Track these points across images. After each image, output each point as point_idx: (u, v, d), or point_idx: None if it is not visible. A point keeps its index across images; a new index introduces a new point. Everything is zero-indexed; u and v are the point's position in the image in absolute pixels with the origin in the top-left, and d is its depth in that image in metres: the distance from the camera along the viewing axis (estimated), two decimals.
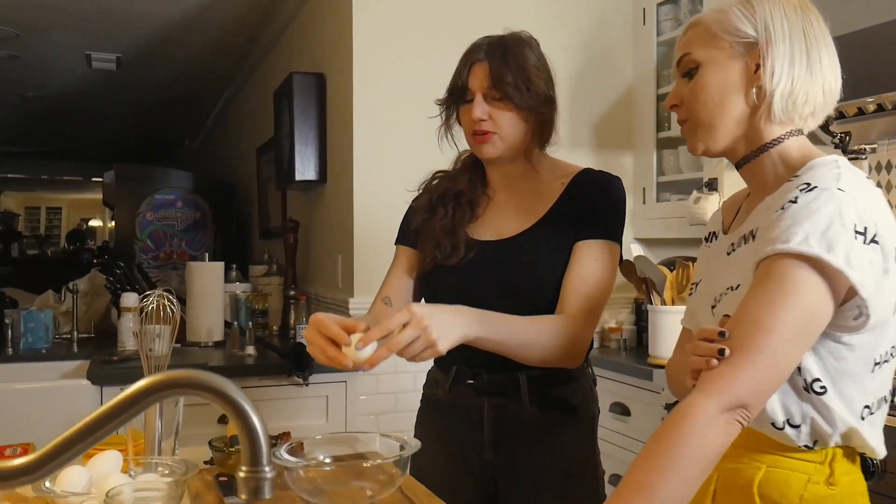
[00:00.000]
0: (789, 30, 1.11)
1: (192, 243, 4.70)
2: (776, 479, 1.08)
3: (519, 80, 1.49)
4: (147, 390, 0.55)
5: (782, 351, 0.99)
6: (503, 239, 1.57)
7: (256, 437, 0.56)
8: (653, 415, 2.53)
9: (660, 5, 3.07)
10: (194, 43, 4.63)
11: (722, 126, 1.14)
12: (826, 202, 1.01)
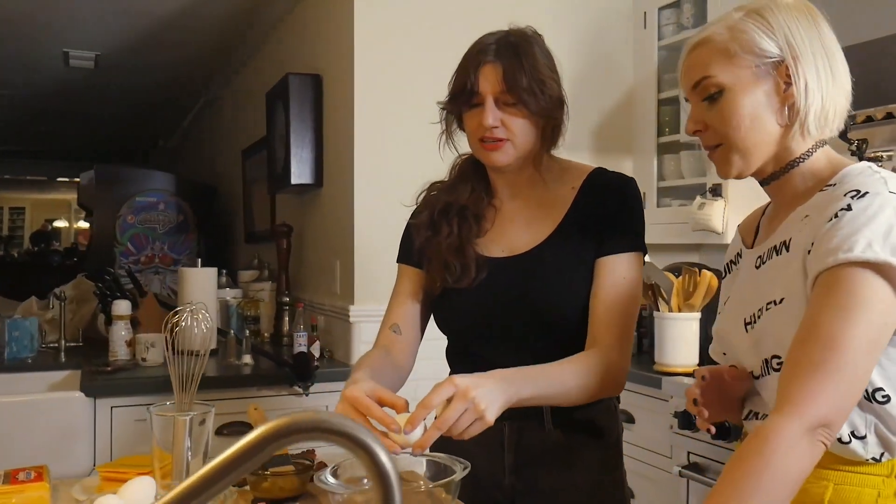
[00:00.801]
0: (809, 42, 1.09)
1: (175, 247, 4.60)
2: (846, 497, 1.05)
3: (533, 84, 1.38)
4: (270, 437, 0.49)
5: (860, 365, 0.97)
6: (516, 255, 1.46)
7: (389, 482, 0.51)
8: (660, 423, 2.50)
9: (661, 9, 3.05)
10: (177, 43, 4.53)
11: (757, 149, 1.12)
12: (882, 207, 0.99)
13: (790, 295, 1.07)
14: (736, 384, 1.17)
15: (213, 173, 5.46)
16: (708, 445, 2.31)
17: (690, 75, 1.14)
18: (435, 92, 2.79)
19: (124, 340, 2.66)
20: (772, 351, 1.11)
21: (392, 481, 0.51)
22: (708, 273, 2.59)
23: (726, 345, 1.22)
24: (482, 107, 1.40)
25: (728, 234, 2.70)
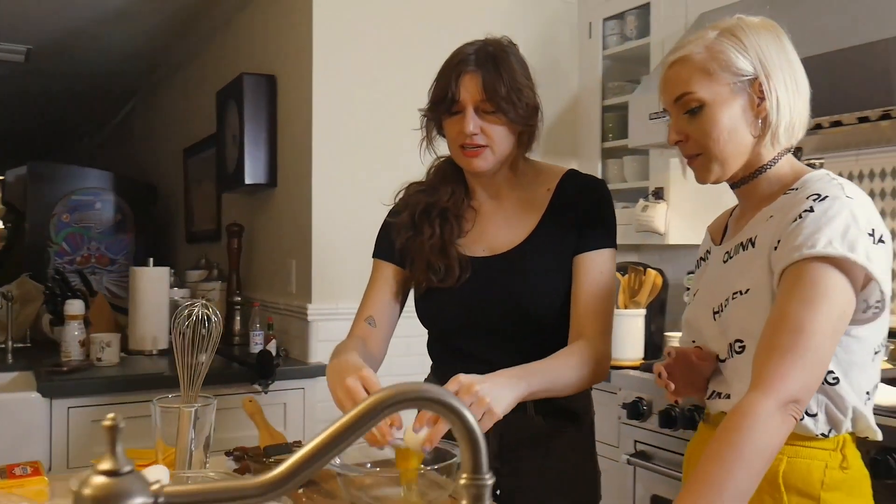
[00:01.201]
0: (778, 59, 1.21)
1: (112, 247, 4.51)
2: (798, 469, 1.16)
3: (511, 93, 1.45)
4: (381, 404, 0.56)
5: (824, 348, 1.09)
6: (497, 255, 1.54)
7: (479, 446, 0.58)
8: (609, 414, 2.62)
9: (606, 20, 3.19)
10: (114, 38, 4.44)
11: (733, 158, 1.23)
12: (840, 209, 1.12)
13: (755, 286, 1.18)
14: (702, 364, 1.28)
15: (150, 171, 5.36)
16: (654, 434, 2.45)
17: (672, 90, 1.24)
18: (393, 93, 2.89)
19: (77, 340, 2.62)
20: (736, 335, 1.22)
21: (480, 443, 0.58)
22: (653, 272, 2.74)
23: (695, 332, 1.33)
24: (462, 114, 1.47)
25: (670, 235, 2.85)
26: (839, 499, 1.16)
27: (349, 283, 2.82)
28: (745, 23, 1.23)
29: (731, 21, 1.25)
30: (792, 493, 1.16)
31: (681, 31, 2.80)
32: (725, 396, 1.25)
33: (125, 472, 0.51)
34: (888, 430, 1.73)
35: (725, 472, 1.02)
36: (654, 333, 2.85)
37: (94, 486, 0.51)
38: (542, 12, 3.26)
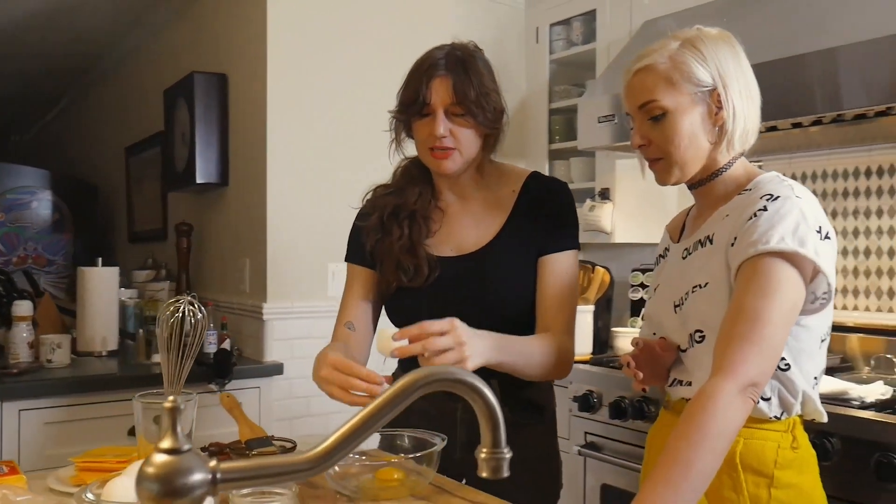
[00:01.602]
0: (734, 70, 1.30)
1: (50, 247, 4.41)
2: (753, 449, 1.26)
3: (480, 97, 1.50)
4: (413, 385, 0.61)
5: (778, 336, 1.18)
6: (465, 254, 1.59)
7: (498, 423, 0.64)
8: (560, 408, 2.69)
9: (552, 26, 3.29)
10: (47, 34, 4.32)
11: (692, 163, 1.32)
12: (791, 208, 1.21)
13: (713, 280, 1.27)
14: (666, 355, 1.36)
15: (89, 170, 5.23)
16: (604, 425, 2.54)
17: (637, 97, 1.32)
18: (347, 92, 2.92)
19: (26, 342, 2.57)
20: (695, 326, 1.31)
21: (499, 420, 0.64)
22: (601, 269, 2.84)
23: (656, 325, 1.41)
24: (432, 117, 1.51)
25: (616, 234, 2.96)
26: (790, 476, 1.25)
27: (304, 281, 2.84)
28: (705, 34, 1.32)
29: (691, 32, 1.33)
30: (748, 472, 1.25)
31: (625, 37, 2.91)
32: (686, 384, 1.33)
33: (185, 451, 0.55)
34: None
35: (692, 451, 1.10)
36: (601, 329, 2.95)
37: (156, 465, 0.54)
38: (490, 17, 3.33)
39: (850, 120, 2.18)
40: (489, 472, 0.66)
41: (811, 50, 2.09)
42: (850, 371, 2.39)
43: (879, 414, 1.85)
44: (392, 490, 1.20)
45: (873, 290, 2.51)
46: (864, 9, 2.07)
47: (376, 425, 0.59)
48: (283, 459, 0.57)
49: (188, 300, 1.27)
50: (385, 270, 1.59)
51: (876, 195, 2.50)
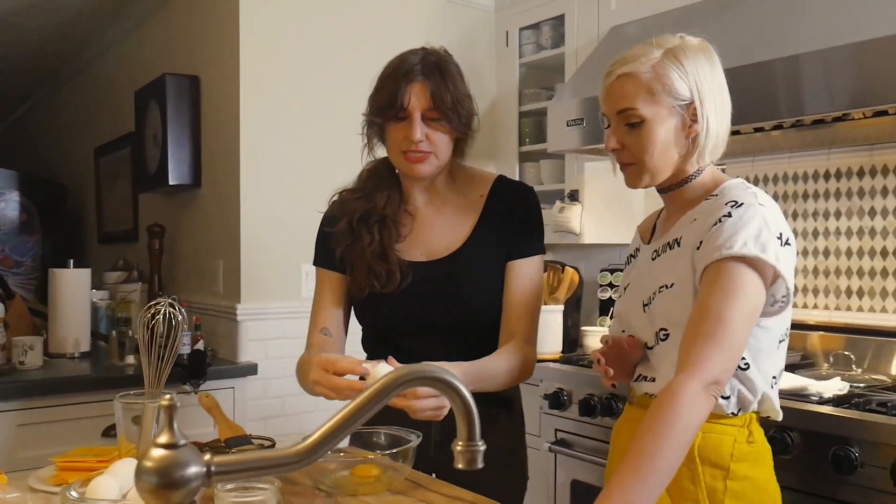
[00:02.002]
0: (710, 84, 1.35)
1: (18, 248, 4.37)
2: (711, 443, 1.31)
3: (455, 103, 1.53)
4: (395, 383, 0.65)
5: (740, 336, 1.24)
6: (437, 260, 1.61)
7: (473, 418, 0.68)
8: (531, 405, 2.75)
9: (522, 30, 3.34)
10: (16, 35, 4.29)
11: (663, 171, 1.37)
12: (754, 215, 1.27)
13: (679, 281, 1.33)
14: (633, 352, 1.42)
15: (58, 170, 5.19)
16: (573, 422, 2.60)
17: (617, 102, 1.36)
18: (319, 94, 2.95)
19: None
20: (660, 325, 1.36)
21: (474, 415, 0.68)
22: (570, 270, 2.90)
23: (625, 323, 1.47)
24: (408, 121, 1.53)
25: (585, 235, 3.02)
26: (745, 469, 1.31)
27: (278, 282, 2.86)
28: (687, 45, 1.35)
29: (674, 41, 1.36)
30: (706, 464, 1.31)
31: (594, 42, 2.97)
32: (650, 380, 1.39)
33: (181, 445, 0.59)
34: (785, 411, 1.93)
35: (658, 445, 1.15)
36: (571, 328, 3.01)
37: (154, 459, 0.58)
38: (461, 20, 3.38)
39: (809, 125, 2.25)
40: (465, 464, 0.71)
41: (773, 57, 2.16)
42: (811, 368, 2.48)
43: (836, 409, 1.92)
44: (369, 485, 1.24)
45: (832, 290, 2.59)
46: (823, 18, 2.15)
47: (359, 421, 0.63)
48: (273, 453, 0.61)
49: (168, 302, 1.30)
50: (357, 276, 1.60)
51: (834, 197, 2.58)
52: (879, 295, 2.48)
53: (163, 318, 1.27)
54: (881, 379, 2.28)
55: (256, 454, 0.61)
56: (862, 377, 2.32)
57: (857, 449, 1.83)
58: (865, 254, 2.52)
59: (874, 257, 2.49)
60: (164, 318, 1.27)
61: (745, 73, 2.19)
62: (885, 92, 1.94)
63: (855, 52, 1.99)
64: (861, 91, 2.00)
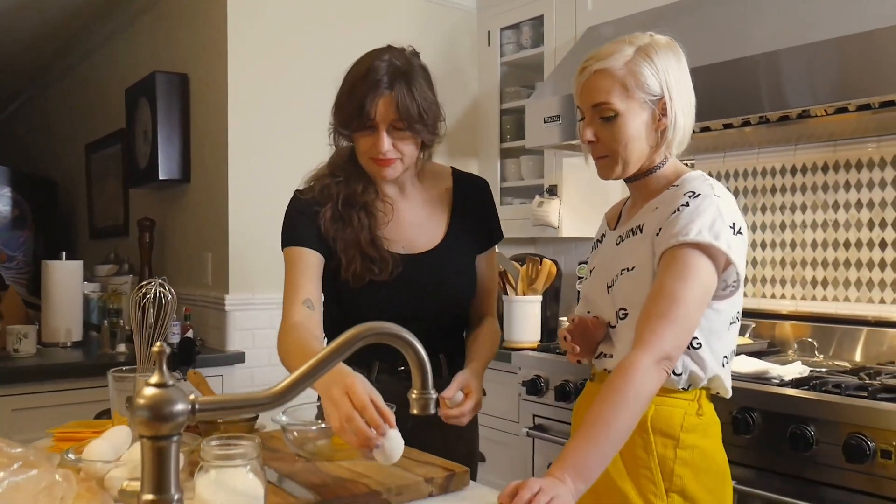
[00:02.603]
0: (678, 80, 1.44)
1: (10, 243, 4.44)
2: (663, 415, 1.41)
3: (422, 112, 1.57)
4: (357, 337, 0.74)
5: (692, 316, 1.34)
6: (421, 253, 1.68)
7: (425, 368, 0.78)
8: (510, 392, 2.86)
9: (503, 30, 3.44)
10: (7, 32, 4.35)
11: (634, 163, 1.46)
12: (709, 205, 1.37)
13: (639, 265, 1.43)
14: (597, 331, 1.52)
15: (48, 166, 5.25)
16: (550, 408, 2.70)
17: (592, 96, 1.44)
18: (306, 91, 3.04)
19: None
20: (620, 304, 1.46)
21: (426, 367, 0.78)
22: (548, 262, 2.99)
23: (591, 304, 1.56)
24: (375, 132, 1.57)
25: (563, 229, 3.12)
26: (694, 439, 1.41)
27: (265, 274, 2.95)
28: (656, 43, 1.45)
29: (645, 39, 1.45)
30: (657, 434, 1.40)
31: (571, 41, 3.08)
32: (609, 356, 1.49)
33: (170, 385, 0.68)
34: (746, 393, 2.04)
35: (612, 412, 1.25)
36: (549, 318, 3.11)
37: (146, 396, 0.67)
38: (444, 21, 3.47)
39: (776, 121, 2.36)
40: (419, 409, 0.80)
41: (742, 56, 2.26)
42: (777, 355, 2.58)
43: (794, 390, 2.03)
44: (345, 452, 1.33)
45: (798, 280, 2.70)
46: (790, 18, 2.25)
47: (322, 371, 0.72)
48: (249, 395, 0.70)
49: (159, 283, 1.39)
50: (352, 263, 1.63)
51: (800, 191, 2.69)
52: (843, 285, 2.59)
53: (153, 298, 1.35)
54: (843, 365, 2.39)
55: (234, 396, 0.71)
56: (823, 363, 2.43)
57: (812, 427, 1.93)
58: (829, 245, 2.63)
59: (837, 249, 2.60)
60: (154, 297, 1.35)
61: (715, 71, 2.28)
62: (848, 89, 2.04)
63: (819, 50, 2.07)
64: (825, 88, 2.09)
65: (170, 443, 0.66)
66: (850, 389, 1.95)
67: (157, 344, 0.67)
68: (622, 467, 1.40)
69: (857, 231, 2.55)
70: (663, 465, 1.38)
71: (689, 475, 1.38)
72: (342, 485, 1.18)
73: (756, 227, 2.81)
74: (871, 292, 2.52)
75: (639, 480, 1.39)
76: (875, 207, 2.51)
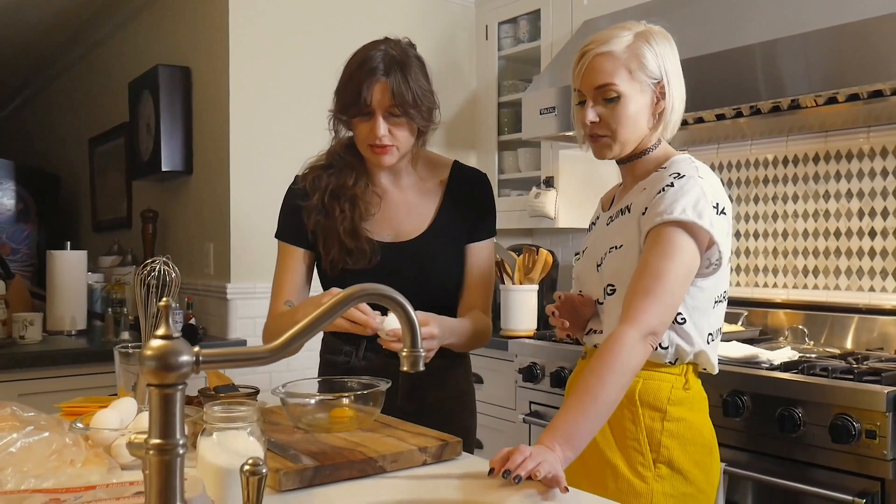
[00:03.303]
0: (674, 67, 1.50)
1: (14, 236, 4.49)
2: (650, 388, 1.46)
3: (416, 99, 1.62)
4: (350, 297, 0.79)
5: (676, 292, 1.38)
6: (405, 241, 1.72)
7: (415, 327, 0.83)
8: (506, 380, 2.91)
9: (501, 24, 3.49)
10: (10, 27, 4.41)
11: (631, 142, 1.51)
12: (693, 186, 1.42)
13: (626, 243, 1.47)
14: (585, 308, 1.57)
15: (51, 160, 5.31)
16: (546, 394, 2.75)
17: (597, 78, 1.48)
18: (306, 83, 3.09)
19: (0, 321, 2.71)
20: (608, 281, 1.51)
21: (416, 326, 0.82)
22: (545, 251, 3.04)
23: (582, 283, 1.61)
24: (372, 118, 1.63)
25: (559, 220, 3.17)
26: (681, 412, 1.46)
27: (266, 263, 2.98)
28: (651, 30, 1.50)
29: (641, 26, 1.50)
30: (645, 407, 1.45)
31: (567, 35, 3.12)
32: (599, 332, 1.54)
33: (176, 337, 0.73)
34: (737, 377, 2.09)
35: (600, 384, 1.30)
36: (545, 307, 3.14)
37: (153, 348, 0.72)
38: (442, 16, 3.52)
39: (767, 112, 2.40)
40: (409, 366, 0.85)
41: (734, 46, 2.30)
42: (769, 342, 2.63)
43: (783, 373, 2.07)
44: (343, 423, 1.38)
45: (790, 269, 2.75)
46: (783, 8, 2.29)
47: (318, 328, 0.77)
48: (249, 349, 0.75)
49: (163, 261, 1.43)
50: (331, 252, 1.69)
51: (792, 182, 2.74)
52: (834, 273, 2.64)
53: (157, 275, 1.40)
54: (832, 351, 2.43)
55: (235, 349, 0.75)
56: (813, 349, 2.47)
57: (800, 410, 1.98)
58: (821, 235, 2.67)
59: (829, 238, 2.65)
60: (158, 274, 1.40)
61: (708, 61, 2.33)
62: (841, 78, 2.07)
63: (812, 40, 2.12)
64: (819, 77, 2.12)
65: (175, 391, 0.71)
66: (837, 372, 2.00)
67: (164, 299, 0.72)
68: (611, 439, 1.45)
69: (848, 220, 2.59)
70: (651, 437, 1.43)
71: (676, 447, 1.43)
72: (339, 452, 1.22)
73: (749, 217, 2.86)
74: (861, 280, 2.57)
75: (627, 452, 1.44)
76: (865, 197, 2.55)
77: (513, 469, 1.13)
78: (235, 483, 1.00)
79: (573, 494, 1.13)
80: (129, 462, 1.20)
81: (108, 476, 1.11)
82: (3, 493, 0.93)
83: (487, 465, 1.19)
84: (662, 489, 1.42)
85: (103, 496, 0.93)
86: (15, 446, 1.02)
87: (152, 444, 0.71)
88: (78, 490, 0.94)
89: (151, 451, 0.71)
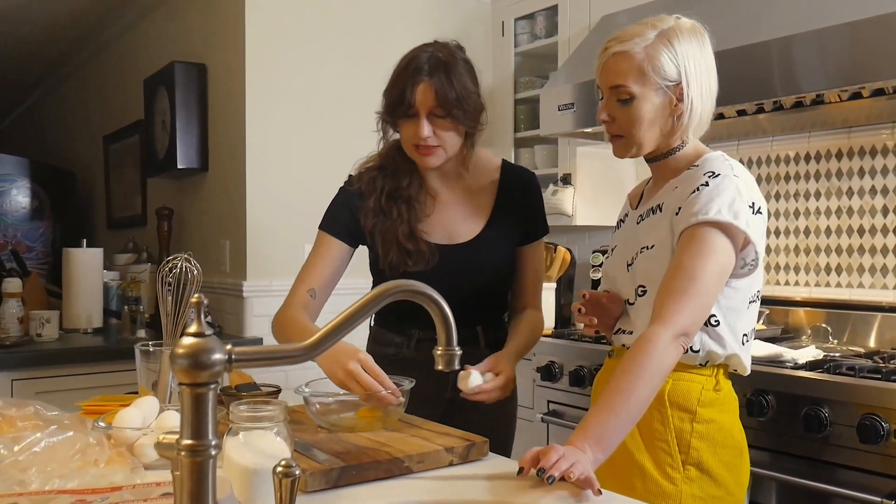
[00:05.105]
0: (698, 68, 1.45)
1: (29, 234, 4.50)
2: (680, 389, 1.43)
3: (461, 100, 1.62)
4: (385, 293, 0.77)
5: (710, 293, 1.35)
6: (460, 244, 1.73)
7: (450, 326, 0.81)
8: (524, 379, 2.88)
9: (517, 20, 3.46)
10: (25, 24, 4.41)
11: (648, 144, 1.48)
12: (728, 185, 1.39)
13: (658, 243, 1.45)
14: (612, 306, 1.54)
15: (66, 158, 5.32)
16: (564, 393, 2.72)
17: (611, 78, 1.46)
18: (321, 81, 3.08)
19: (16, 317, 2.70)
20: (640, 282, 1.48)
21: (451, 324, 0.80)
22: (562, 249, 3.02)
23: (611, 282, 1.59)
24: (417, 118, 1.64)
25: (577, 217, 3.14)
26: (711, 413, 1.43)
27: (282, 261, 2.99)
28: (680, 27, 1.46)
29: (669, 22, 1.47)
30: (674, 408, 1.43)
31: (585, 31, 3.09)
32: (628, 332, 1.51)
33: (208, 335, 0.71)
34: (761, 376, 2.06)
35: (632, 384, 1.27)
36: (563, 306, 3.13)
37: (185, 346, 0.70)
38: (457, 12, 3.50)
39: (789, 108, 2.37)
40: (444, 365, 0.83)
41: (756, 41, 2.26)
42: (791, 340, 2.59)
43: (808, 372, 2.04)
44: (368, 423, 1.36)
45: (812, 267, 2.71)
46: (802, 4, 2.26)
47: (352, 326, 0.75)
48: (282, 347, 0.73)
49: (185, 258, 1.42)
50: (388, 253, 1.70)
51: (814, 178, 2.70)
52: (857, 271, 2.60)
53: (179, 272, 1.38)
54: (857, 350, 2.40)
55: (268, 347, 0.74)
56: (837, 348, 2.44)
57: (826, 409, 1.95)
58: (843, 232, 2.64)
59: (851, 235, 2.61)
60: (180, 271, 1.39)
61: (729, 57, 2.28)
62: (861, 73, 2.04)
63: (832, 35, 2.09)
64: (839, 73, 2.09)
65: (208, 390, 0.69)
66: (864, 371, 1.97)
67: (196, 296, 0.70)
68: (640, 440, 1.43)
69: (871, 217, 2.56)
70: (680, 438, 1.41)
71: (706, 448, 1.40)
72: (365, 452, 1.21)
73: (770, 214, 2.82)
74: (885, 278, 2.53)
75: (656, 453, 1.42)
76: (889, 194, 2.51)
77: (547, 468, 1.11)
78: (262, 483, 0.98)
79: (606, 497, 1.11)
80: (152, 461, 1.18)
81: (132, 476, 1.09)
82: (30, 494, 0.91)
83: (514, 465, 1.17)
84: (691, 491, 1.40)
85: (130, 497, 0.91)
86: (39, 446, 1.01)
87: (184, 444, 0.69)
88: (104, 491, 0.92)
89: (183, 451, 0.69)
